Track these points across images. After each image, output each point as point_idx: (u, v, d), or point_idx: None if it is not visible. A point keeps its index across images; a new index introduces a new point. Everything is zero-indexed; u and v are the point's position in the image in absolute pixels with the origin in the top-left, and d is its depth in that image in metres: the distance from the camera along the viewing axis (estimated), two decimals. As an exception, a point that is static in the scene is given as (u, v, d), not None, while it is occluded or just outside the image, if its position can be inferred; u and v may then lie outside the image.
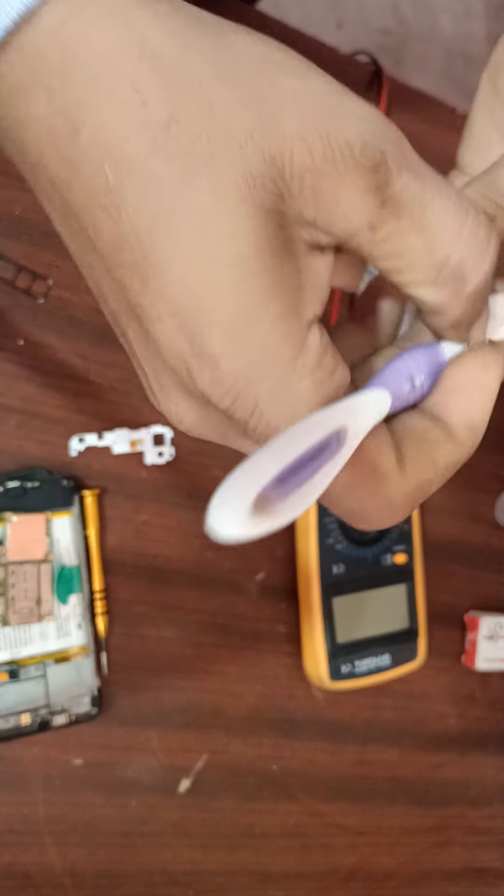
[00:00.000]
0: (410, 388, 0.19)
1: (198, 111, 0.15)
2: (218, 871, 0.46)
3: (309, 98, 0.16)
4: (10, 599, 0.39)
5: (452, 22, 1.55)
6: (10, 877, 0.41)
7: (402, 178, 0.16)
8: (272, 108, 0.15)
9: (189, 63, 0.15)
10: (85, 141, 0.15)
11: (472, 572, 0.54)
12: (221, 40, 0.16)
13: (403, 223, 0.16)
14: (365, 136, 0.15)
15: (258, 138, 0.15)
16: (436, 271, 0.17)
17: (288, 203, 0.16)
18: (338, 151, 0.15)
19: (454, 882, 0.54)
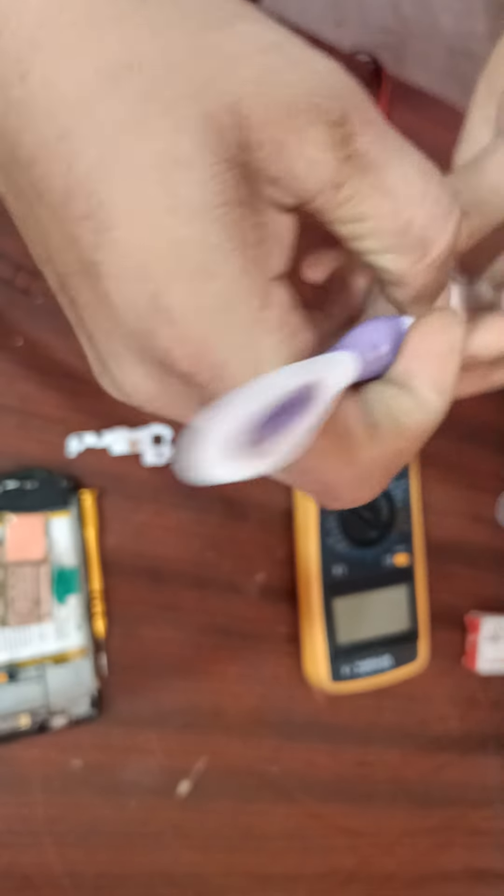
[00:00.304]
0: (375, 357, 0.19)
1: (157, 54, 0.14)
2: (217, 873, 0.46)
3: (272, 48, 0.15)
4: (9, 600, 0.39)
5: (453, 20, 1.55)
6: (9, 878, 0.41)
7: (368, 133, 0.15)
8: (234, 55, 0.15)
9: (149, 4, 0.15)
10: (35, 83, 0.14)
11: (474, 573, 0.54)
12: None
13: (367, 181, 0.15)
14: (330, 88, 0.15)
15: (220, 85, 0.14)
16: (399, 236, 0.16)
17: (250, 155, 0.15)
18: (302, 102, 0.15)
19: (455, 883, 0.54)
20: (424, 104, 0.51)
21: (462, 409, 0.53)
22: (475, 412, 0.53)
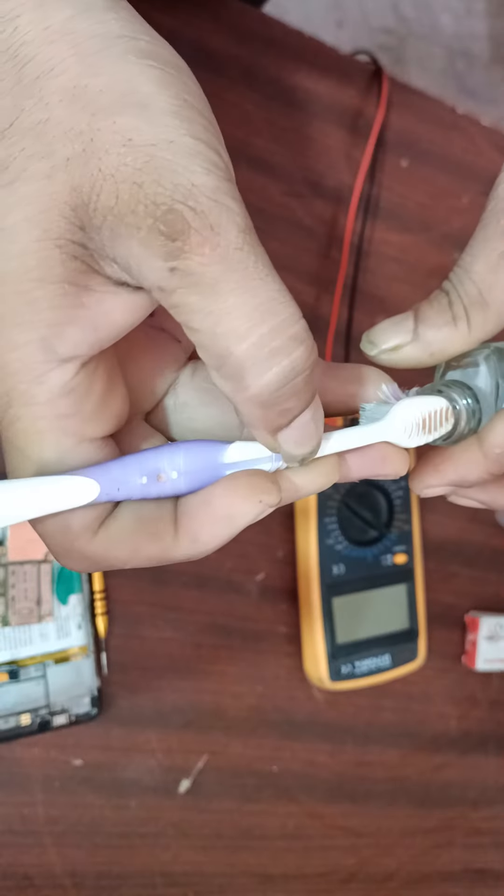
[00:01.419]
0: (149, 483, 0.18)
1: (32, 124, 0.15)
2: (218, 873, 0.46)
3: (144, 143, 0.15)
4: (10, 600, 0.39)
5: (453, 21, 1.55)
6: (10, 877, 0.41)
7: (203, 255, 0.15)
8: (103, 142, 0.15)
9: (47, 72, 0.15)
10: None
11: (473, 573, 0.54)
12: (88, 50, 0.16)
13: (193, 301, 0.15)
14: (175, 201, 0.15)
15: (74, 167, 0.15)
16: (218, 361, 0.16)
17: (89, 236, 0.15)
18: (141, 205, 0.15)
19: (455, 883, 0.54)
20: (424, 105, 0.51)
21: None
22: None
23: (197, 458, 0.19)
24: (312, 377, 0.17)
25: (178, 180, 0.15)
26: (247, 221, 0.16)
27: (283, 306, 0.16)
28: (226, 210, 0.15)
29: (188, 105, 0.16)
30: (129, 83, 0.15)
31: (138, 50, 0.16)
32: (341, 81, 0.48)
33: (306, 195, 0.47)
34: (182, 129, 0.15)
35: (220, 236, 0.15)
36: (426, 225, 0.51)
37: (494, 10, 1.57)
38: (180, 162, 0.15)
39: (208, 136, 0.16)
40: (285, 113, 0.46)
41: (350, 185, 0.48)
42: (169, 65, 0.17)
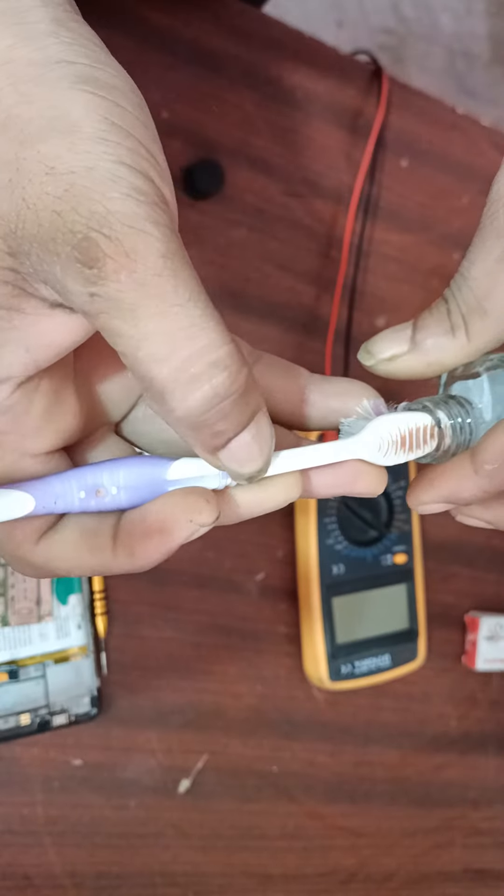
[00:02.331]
0: (88, 497, 0.19)
1: None
2: (217, 873, 0.46)
3: (65, 171, 0.15)
4: (10, 600, 0.39)
5: (453, 20, 1.55)
6: (10, 878, 0.41)
7: (119, 281, 0.15)
8: (27, 171, 0.15)
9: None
10: None
11: (473, 573, 0.54)
12: (23, 78, 0.16)
13: (114, 325, 0.15)
14: (91, 229, 0.15)
15: (1, 197, 0.15)
16: (143, 384, 0.16)
17: (20, 261, 0.16)
18: (59, 233, 0.15)
19: (455, 883, 0.54)
20: (424, 105, 0.51)
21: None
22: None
23: (139, 474, 0.19)
24: (246, 400, 0.16)
25: (94, 207, 0.15)
26: (169, 246, 0.16)
27: (204, 332, 0.16)
28: (143, 236, 0.15)
29: (115, 128, 0.16)
30: (57, 109, 0.15)
31: (73, 75, 0.16)
32: (341, 81, 0.48)
33: (306, 195, 0.47)
34: (105, 155, 0.15)
35: (137, 262, 0.15)
36: (426, 225, 0.51)
37: (494, 10, 1.57)
38: (98, 189, 0.15)
39: (133, 159, 0.16)
40: (285, 113, 0.46)
41: (350, 184, 0.48)
42: (104, 87, 0.16)
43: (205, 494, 0.18)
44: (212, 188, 0.42)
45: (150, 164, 0.16)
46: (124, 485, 0.19)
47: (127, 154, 0.16)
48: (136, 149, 0.16)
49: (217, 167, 0.42)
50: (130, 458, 0.19)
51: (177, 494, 0.18)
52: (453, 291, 0.21)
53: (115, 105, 0.16)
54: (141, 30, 0.42)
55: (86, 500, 0.19)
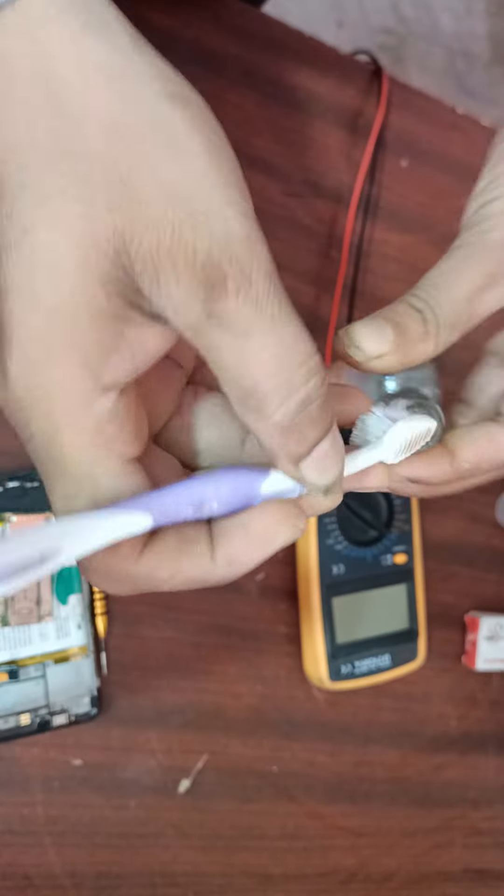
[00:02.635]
0: (195, 512, 0.19)
1: (72, 158, 0.16)
2: (217, 873, 0.46)
3: (183, 191, 0.16)
4: (10, 600, 0.39)
5: (453, 20, 1.55)
6: (10, 878, 0.41)
7: (237, 300, 0.16)
8: (144, 193, 0.16)
9: (85, 114, 0.16)
10: None
11: (473, 573, 0.54)
12: (126, 89, 0.16)
13: (225, 341, 0.16)
14: (213, 250, 0.16)
15: (116, 213, 0.16)
16: (244, 394, 0.17)
17: (129, 275, 0.16)
18: (181, 254, 0.16)
19: (455, 884, 0.54)
20: (424, 105, 0.51)
21: (461, 410, 0.53)
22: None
23: (236, 488, 0.19)
24: (327, 406, 0.18)
25: (215, 230, 0.16)
26: (272, 265, 0.17)
27: (304, 345, 0.17)
28: (257, 257, 0.17)
29: (218, 149, 0.17)
30: (164, 127, 0.16)
31: (169, 92, 0.17)
32: (341, 81, 0.48)
33: (306, 195, 0.47)
34: (217, 178, 0.16)
35: (252, 283, 0.16)
36: (426, 225, 0.51)
37: (494, 10, 1.57)
38: (217, 211, 0.16)
39: (237, 180, 0.17)
40: (285, 113, 0.46)
41: (350, 184, 0.48)
42: (196, 105, 0.17)
43: (298, 504, 0.20)
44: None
45: (243, 182, 0.17)
46: (224, 499, 0.19)
47: (232, 175, 0.17)
48: (235, 169, 0.17)
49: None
50: (227, 472, 0.20)
51: (275, 504, 0.19)
52: (429, 304, 0.24)
53: (210, 124, 0.17)
54: (141, 30, 0.42)
55: (193, 514, 0.19)
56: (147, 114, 0.16)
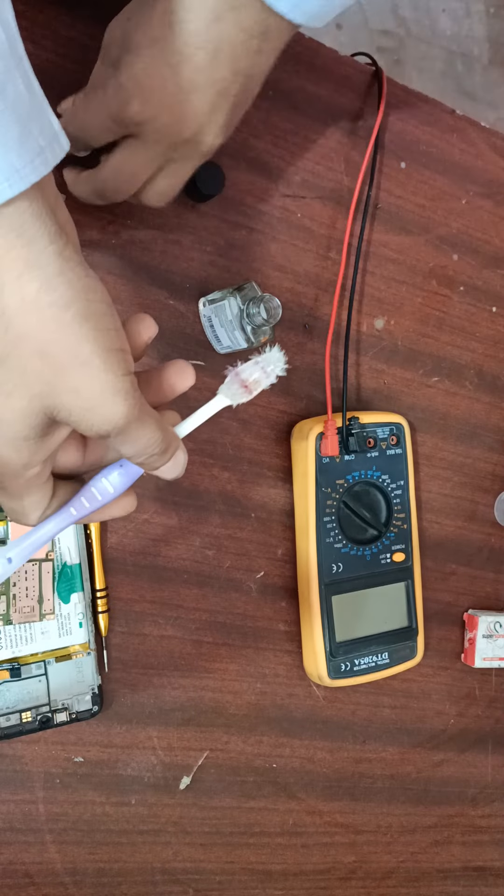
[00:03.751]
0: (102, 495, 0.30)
1: (18, 366, 0.24)
2: (217, 870, 0.46)
3: (89, 395, 0.25)
4: (12, 598, 0.39)
5: (452, 22, 1.55)
6: (11, 875, 0.41)
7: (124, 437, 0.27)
8: (62, 390, 0.25)
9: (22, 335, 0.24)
10: None
11: (471, 571, 0.54)
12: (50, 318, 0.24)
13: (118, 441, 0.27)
14: (102, 427, 0.26)
15: (45, 400, 0.25)
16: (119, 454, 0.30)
17: (54, 418, 0.26)
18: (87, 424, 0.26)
19: (453, 881, 0.54)
20: (423, 107, 0.51)
21: (460, 411, 0.53)
22: (473, 413, 0.54)
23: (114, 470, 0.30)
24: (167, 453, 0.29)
25: (109, 415, 0.25)
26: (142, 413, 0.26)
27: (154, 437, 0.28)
28: (137, 423, 0.26)
29: (110, 353, 0.25)
30: (75, 349, 0.24)
31: (80, 315, 0.24)
32: (341, 83, 0.49)
33: (306, 197, 0.48)
34: (108, 378, 0.25)
35: (131, 429, 0.26)
36: (425, 226, 0.51)
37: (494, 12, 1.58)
38: (109, 400, 0.25)
39: (125, 370, 0.25)
40: (285, 115, 0.47)
41: (349, 186, 0.49)
42: (97, 318, 0.25)
43: None
44: (212, 190, 0.43)
45: (130, 364, 0.26)
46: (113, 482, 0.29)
47: (120, 369, 0.25)
48: (123, 360, 0.25)
49: (217, 169, 0.43)
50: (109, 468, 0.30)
51: None
52: None
53: (106, 332, 0.25)
54: (142, 33, 0.42)
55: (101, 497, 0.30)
56: (62, 339, 0.24)
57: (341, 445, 0.46)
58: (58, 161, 0.24)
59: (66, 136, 0.25)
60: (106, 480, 0.29)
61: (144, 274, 0.43)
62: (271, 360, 0.30)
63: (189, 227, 0.44)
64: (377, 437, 0.47)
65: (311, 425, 0.45)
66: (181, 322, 0.44)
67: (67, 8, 0.40)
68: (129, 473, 0.29)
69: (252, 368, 0.30)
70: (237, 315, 0.41)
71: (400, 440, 0.48)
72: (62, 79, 0.41)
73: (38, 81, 0.25)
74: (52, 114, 0.24)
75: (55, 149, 0.24)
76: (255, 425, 0.46)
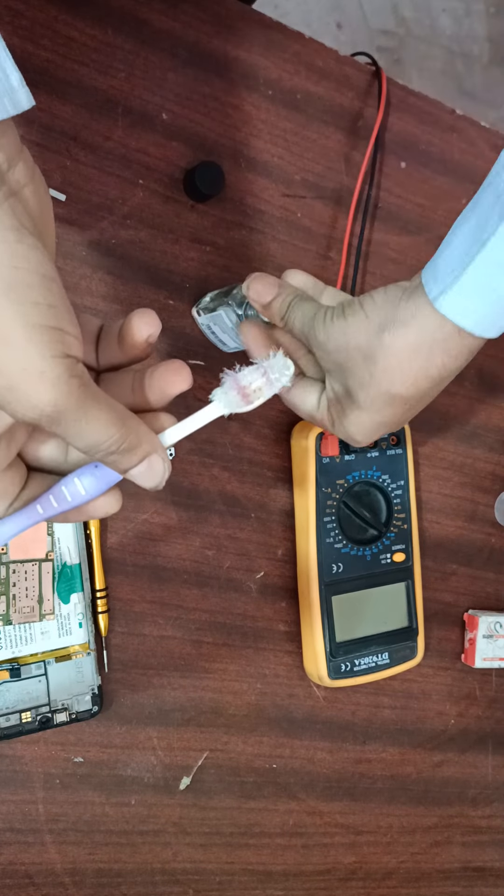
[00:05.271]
0: (72, 497, 0.27)
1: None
2: (217, 870, 0.46)
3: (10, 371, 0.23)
4: (12, 598, 0.39)
5: (452, 21, 1.55)
6: (11, 876, 0.41)
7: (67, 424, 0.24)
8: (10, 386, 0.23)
9: None
10: None
11: (472, 571, 0.54)
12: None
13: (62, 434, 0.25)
14: (28, 414, 0.23)
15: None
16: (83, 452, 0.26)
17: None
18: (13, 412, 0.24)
19: (454, 881, 0.54)
20: (423, 107, 0.51)
21: (460, 411, 0.53)
22: (473, 413, 0.54)
23: (87, 473, 0.27)
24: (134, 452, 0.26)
25: (30, 398, 0.23)
26: (85, 396, 0.24)
27: (126, 432, 0.26)
28: (74, 410, 0.24)
29: (39, 330, 0.23)
30: (4, 330, 0.22)
31: (18, 301, 0.22)
32: (341, 83, 0.49)
33: (306, 196, 0.47)
34: (31, 358, 0.23)
35: (62, 422, 0.24)
36: (425, 226, 0.51)
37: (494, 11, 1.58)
38: (32, 383, 0.23)
39: (56, 353, 0.23)
40: (285, 114, 0.47)
41: (349, 186, 0.49)
42: (26, 289, 0.22)
43: None
44: (212, 190, 0.43)
45: (70, 346, 0.23)
46: (85, 483, 0.27)
47: (50, 350, 0.23)
48: (55, 340, 0.23)
49: (217, 169, 0.43)
50: (81, 469, 0.27)
51: None
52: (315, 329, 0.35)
53: (35, 307, 0.22)
54: (141, 32, 0.42)
55: (71, 500, 0.27)
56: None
57: (341, 445, 0.46)
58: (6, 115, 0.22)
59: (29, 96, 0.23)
60: (78, 481, 0.26)
61: (144, 274, 0.43)
62: (276, 367, 0.27)
63: (189, 226, 0.44)
64: (377, 437, 0.47)
65: (311, 425, 0.45)
66: (181, 322, 0.44)
67: (67, 8, 0.40)
68: (103, 476, 0.26)
69: (253, 374, 0.27)
70: (237, 323, 0.40)
71: (400, 440, 0.48)
72: (62, 79, 0.41)
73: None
74: (12, 69, 0.22)
75: (4, 103, 0.22)
76: (255, 425, 0.46)
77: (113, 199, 0.42)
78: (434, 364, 0.31)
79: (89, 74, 0.41)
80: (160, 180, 0.43)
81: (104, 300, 0.42)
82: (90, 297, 0.42)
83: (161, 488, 0.28)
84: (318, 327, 0.34)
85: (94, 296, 0.42)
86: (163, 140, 0.43)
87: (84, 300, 0.42)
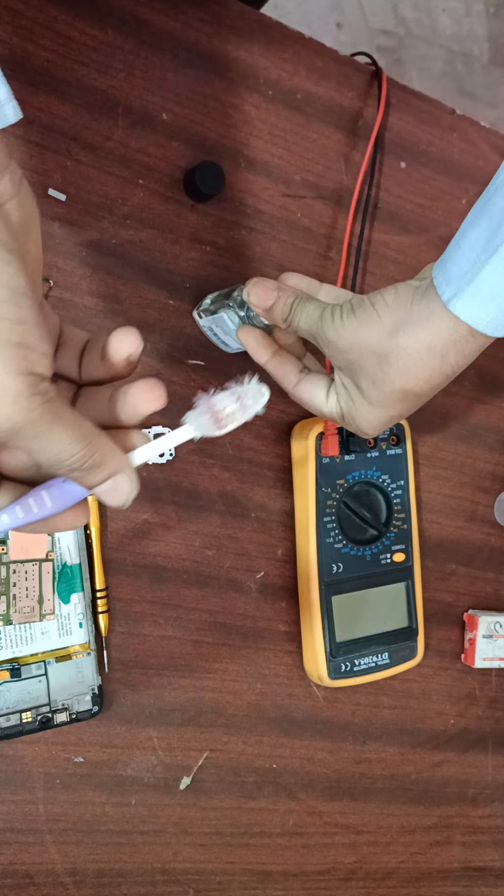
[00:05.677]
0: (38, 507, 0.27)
1: None
2: (218, 870, 0.46)
3: None
4: (12, 598, 0.39)
5: (452, 21, 1.55)
6: (11, 875, 0.41)
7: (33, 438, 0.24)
8: None
9: None
10: None
11: (471, 571, 0.54)
12: None
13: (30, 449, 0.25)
14: (4, 424, 0.23)
15: None
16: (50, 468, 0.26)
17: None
18: None
19: (453, 881, 0.54)
20: (423, 107, 0.51)
21: (460, 411, 0.53)
22: (473, 413, 0.54)
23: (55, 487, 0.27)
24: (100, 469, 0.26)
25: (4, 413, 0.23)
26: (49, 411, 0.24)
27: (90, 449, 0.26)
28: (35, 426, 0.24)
29: (3, 344, 0.22)
30: None
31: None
32: (341, 83, 0.49)
33: (306, 196, 0.47)
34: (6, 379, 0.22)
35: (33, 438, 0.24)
36: (425, 226, 0.51)
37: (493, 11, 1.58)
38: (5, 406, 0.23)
39: (20, 369, 0.23)
40: (285, 114, 0.47)
41: (349, 186, 0.49)
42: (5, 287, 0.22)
43: None
44: (212, 190, 0.43)
45: (35, 364, 0.23)
46: (53, 495, 0.27)
47: (12, 366, 0.22)
48: (18, 357, 0.23)
49: (217, 169, 0.43)
50: (49, 483, 0.27)
51: None
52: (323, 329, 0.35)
53: (1, 321, 0.22)
54: (141, 32, 0.42)
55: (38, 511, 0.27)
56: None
57: (341, 445, 0.46)
58: None
59: (16, 110, 0.24)
60: (46, 493, 0.26)
61: (144, 274, 0.43)
62: (251, 393, 0.27)
63: (189, 226, 0.44)
64: (377, 437, 0.47)
65: (311, 425, 0.45)
66: (181, 322, 0.44)
67: (67, 8, 0.40)
68: (70, 490, 0.26)
69: (227, 399, 0.27)
70: (238, 324, 0.40)
71: (400, 440, 0.48)
72: (62, 79, 0.41)
73: None
74: (0, 82, 0.23)
75: None
76: (255, 425, 0.46)
77: (113, 199, 0.42)
78: (448, 363, 0.32)
79: (89, 74, 0.41)
80: (160, 180, 0.43)
81: (104, 300, 0.42)
82: (90, 297, 0.42)
83: (127, 507, 0.28)
84: (327, 326, 0.34)
85: (94, 296, 0.42)
86: (163, 140, 0.43)
87: (84, 300, 0.42)
